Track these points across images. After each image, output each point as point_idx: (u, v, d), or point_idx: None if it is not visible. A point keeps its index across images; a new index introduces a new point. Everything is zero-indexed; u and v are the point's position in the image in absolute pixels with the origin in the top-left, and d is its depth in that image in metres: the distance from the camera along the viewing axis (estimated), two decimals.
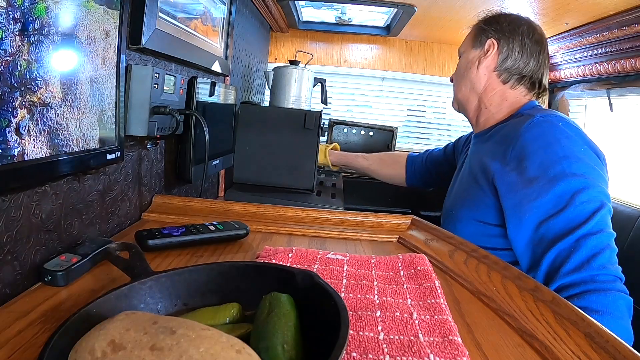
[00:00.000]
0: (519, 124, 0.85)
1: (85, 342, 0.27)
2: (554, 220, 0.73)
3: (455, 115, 2.22)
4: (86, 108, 0.54)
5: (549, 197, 0.74)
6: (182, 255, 0.61)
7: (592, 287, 0.67)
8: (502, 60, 0.95)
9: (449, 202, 1.04)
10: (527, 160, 0.79)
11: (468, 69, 1.00)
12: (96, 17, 0.54)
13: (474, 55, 0.99)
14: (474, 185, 0.91)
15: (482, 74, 0.97)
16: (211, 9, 1.06)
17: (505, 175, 0.82)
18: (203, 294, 0.42)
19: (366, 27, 1.97)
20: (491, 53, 0.95)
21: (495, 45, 0.95)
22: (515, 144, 0.82)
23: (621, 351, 0.42)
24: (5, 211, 0.45)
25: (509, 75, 0.95)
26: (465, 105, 1.03)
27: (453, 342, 0.41)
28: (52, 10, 0.45)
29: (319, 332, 0.36)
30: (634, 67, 1.26)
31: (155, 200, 0.83)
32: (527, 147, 0.80)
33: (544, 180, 0.76)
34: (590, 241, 0.70)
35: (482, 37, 0.98)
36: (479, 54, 0.98)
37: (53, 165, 0.49)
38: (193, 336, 0.27)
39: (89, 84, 0.54)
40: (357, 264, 0.60)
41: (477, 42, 0.99)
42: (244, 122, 1.31)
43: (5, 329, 0.39)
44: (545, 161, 0.77)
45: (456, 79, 1.05)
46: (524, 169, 0.79)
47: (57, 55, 0.47)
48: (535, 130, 0.81)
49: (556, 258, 0.71)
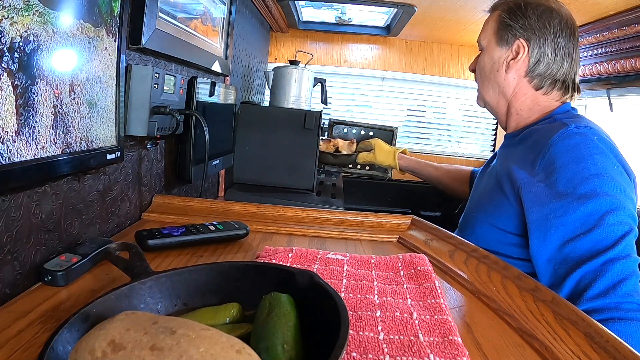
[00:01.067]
0: (552, 131, 0.80)
1: (85, 342, 0.27)
2: (581, 240, 0.70)
3: (455, 116, 2.22)
4: (87, 108, 0.54)
5: (577, 215, 0.71)
6: (182, 255, 0.61)
7: (616, 315, 0.65)
8: (533, 64, 0.87)
9: (472, 203, 0.99)
10: (556, 173, 0.75)
11: (495, 70, 0.91)
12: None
13: (501, 56, 0.90)
14: (497, 191, 0.86)
15: (511, 79, 0.90)
16: (211, 9, 1.06)
17: (532, 186, 0.77)
18: (203, 294, 0.42)
19: (366, 27, 1.97)
20: (522, 57, 0.87)
21: (525, 47, 0.86)
22: (546, 154, 0.78)
23: (621, 351, 0.42)
24: (5, 211, 0.45)
25: (541, 81, 0.88)
26: (494, 108, 0.97)
27: (453, 342, 0.41)
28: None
29: (319, 332, 0.36)
30: (634, 67, 1.26)
31: (155, 200, 0.83)
32: (557, 159, 0.76)
33: (573, 197, 0.72)
34: (617, 266, 0.67)
35: (508, 35, 0.88)
36: (506, 55, 0.89)
37: (53, 165, 0.49)
38: (193, 336, 0.27)
39: (90, 85, 0.54)
40: (357, 264, 0.60)
41: (502, 40, 0.89)
42: (244, 122, 1.31)
43: (5, 329, 0.39)
44: (576, 177, 0.73)
45: (481, 78, 0.96)
46: (553, 182, 0.75)
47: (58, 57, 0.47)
48: (568, 142, 0.76)
49: (580, 280, 0.68)
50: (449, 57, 2.10)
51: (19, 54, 0.41)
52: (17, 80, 0.41)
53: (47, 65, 0.46)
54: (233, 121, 1.18)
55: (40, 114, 0.45)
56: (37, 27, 0.43)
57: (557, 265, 0.72)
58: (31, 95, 0.44)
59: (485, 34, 0.94)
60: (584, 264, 0.68)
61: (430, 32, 1.92)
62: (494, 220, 0.85)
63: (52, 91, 0.47)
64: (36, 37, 0.43)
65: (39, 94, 0.45)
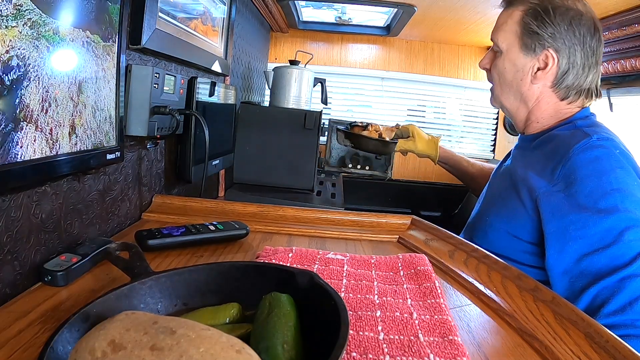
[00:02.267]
0: (573, 140, 0.77)
1: (85, 342, 0.28)
2: (599, 255, 0.69)
3: (455, 116, 2.22)
4: (87, 108, 0.54)
5: (596, 229, 0.69)
6: (182, 255, 0.61)
7: (632, 333, 0.65)
8: (561, 75, 0.82)
9: (485, 204, 0.95)
10: (577, 184, 0.73)
11: (518, 79, 0.86)
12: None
13: (525, 64, 0.84)
14: (514, 196, 0.83)
15: (536, 89, 0.85)
16: (211, 9, 1.06)
17: (551, 196, 0.75)
18: (203, 294, 0.42)
19: (366, 27, 1.97)
20: (550, 68, 0.82)
21: (554, 59, 0.81)
22: (566, 163, 0.75)
23: (621, 351, 0.42)
24: (5, 211, 0.45)
25: (567, 92, 0.84)
26: (512, 113, 0.93)
27: (453, 342, 0.41)
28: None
29: (319, 332, 0.36)
30: (634, 67, 1.26)
31: (155, 200, 0.83)
32: (578, 170, 0.74)
33: (594, 210, 0.70)
34: (635, 283, 0.66)
35: (535, 44, 0.82)
36: (532, 64, 0.83)
37: (53, 165, 0.49)
38: (193, 336, 0.27)
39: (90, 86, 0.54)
40: (357, 264, 0.60)
41: (528, 48, 0.83)
42: (244, 122, 1.31)
43: (5, 329, 0.39)
44: (597, 190, 0.71)
45: (500, 83, 0.90)
46: (572, 193, 0.73)
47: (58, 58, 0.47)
48: (590, 154, 0.74)
49: (597, 296, 0.68)
50: (449, 57, 2.10)
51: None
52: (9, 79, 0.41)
53: (47, 65, 0.46)
54: (233, 121, 1.18)
55: (40, 114, 0.45)
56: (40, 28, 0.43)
57: (574, 278, 0.71)
58: (30, 95, 0.44)
59: (504, 36, 0.86)
60: (601, 280, 0.67)
61: (430, 32, 1.92)
62: (508, 227, 0.83)
63: (52, 91, 0.47)
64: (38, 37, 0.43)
65: (38, 94, 0.45)
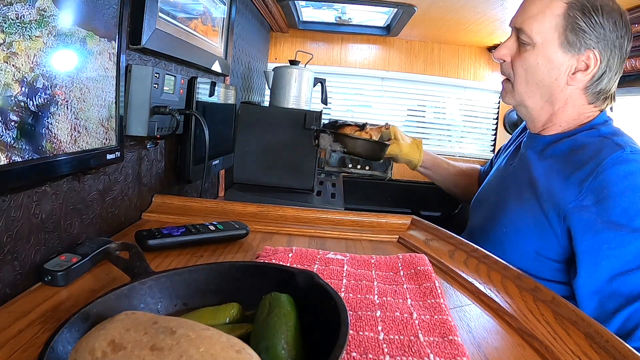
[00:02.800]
0: (603, 150, 0.73)
1: (85, 342, 0.28)
2: (631, 275, 0.66)
3: (455, 116, 2.21)
4: (88, 108, 0.54)
5: (630, 248, 0.67)
6: (182, 255, 0.61)
7: None
8: (597, 79, 0.77)
9: (498, 212, 0.87)
10: (610, 200, 0.69)
11: (552, 78, 0.78)
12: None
13: (563, 63, 0.77)
14: (536, 209, 0.78)
15: (569, 91, 0.79)
16: (211, 9, 1.06)
17: (581, 212, 0.71)
18: (203, 294, 0.42)
19: (366, 27, 1.97)
20: (592, 70, 0.76)
21: (597, 61, 0.75)
22: (597, 176, 0.71)
23: (621, 351, 0.42)
24: (5, 211, 0.45)
25: (597, 96, 0.79)
26: (533, 114, 0.85)
27: (453, 342, 0.41)
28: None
29: (319, 332, 0.36)
30: (634, 67, 1.26)
31: (155, 200, 0.83)
32: (612, 185, 0.70)
33: (629, 229, 0.67)
34: None
35: (579, 43, 0.75)
36: (570, 64, 0.76)
37: (53, 165, 0.49)
38: (193, 336, 0.27)
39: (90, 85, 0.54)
40: (357, 264, 0.60)
41: (571, 45, 0.75)
42: (244, 122, 1.31)
43: (5, 329, 0.39)
44: (632, 208, 0.68)
45: (527, 79, 0.81)
46: (605, 209, 0.69)
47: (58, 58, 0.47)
48: (625, 168, 0.70)
49: (630, 318, 0.66)
50: (449, 57, 2.10)
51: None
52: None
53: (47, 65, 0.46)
54: (233, 121, 1.18)
55: (39, 114, 0.45)
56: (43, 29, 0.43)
57: (604, 298, 0.68)
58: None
59: (541, 27, 0.76)
60: (634, 301, 0.66)
61: (430, 32, 1.92)
62: (535, 246, 0.78)
63: (52, 91, 0.47)
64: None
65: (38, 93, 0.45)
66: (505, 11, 1.41)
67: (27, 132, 0.43)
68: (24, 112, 0.43)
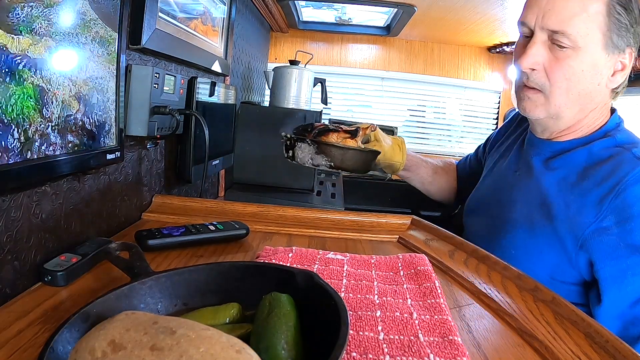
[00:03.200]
0: (623, 164, 0.67)
1: (85, 342, 0.28)
2: None
3: (455, 116, 2.22)
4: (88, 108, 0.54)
5: None
6: (182, 255, 0.61)
7: None
8: (626, 76, 0.72)
9: (502, 225, 0.80)
10: (633, 221, 0.64)
11: (595, 83, 0.70)
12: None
13: (605, 65, 0.69)
14: (548, 231, 0.72)
15: (604, 92, 0.72)
16: (211, 9, 1.06)
17: (602, 235, 0.66)
18: (203, 294, 0.42)
19: (366, 27, 1.97)
20: (627, 70, 0.71)
21: (631, 58, 0.70)
22: (619, 195, 0.65)
23: (621, 351, 0.42)
24: (5, 211, 0.45)
25: (616, 95, 0.75)
26: (559, 123, 0.76)
27: (453, 342, 0.41)
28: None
29: (319, 332, 0.36)
30: (634, 67, 1.26)
31: (155, 200, 0.83)
32: (635, 205, 0.64)
33: None
34: None
35: (621, 40, 0.68)
36: (611, 64, 0.69)
37: (53, 165, 0.49)
38: (193, 336, 0.27)
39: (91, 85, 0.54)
40: (357, 264, 0.60)
41: (614, 46, 0.68)
42: (244, 122, 1.31)
43: (5, 329, 0.39)
44: None
45: (568, 88, 0.70)
46: (629, 231, 0.64)
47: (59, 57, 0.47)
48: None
49: None
50: (449, 57, 2.10)
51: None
52: None
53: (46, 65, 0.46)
54: (233, 121, 1.18)
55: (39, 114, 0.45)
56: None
57: (628, 323, 0.65)
58: None
59: (584, 28, 0.66)
60: None
61: (430, 32, 1.92)
62: (546, 270, 0.73)
63: (53, 91, 0.47)
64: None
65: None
66: (505, 11, 1.41)
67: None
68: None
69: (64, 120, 0.48)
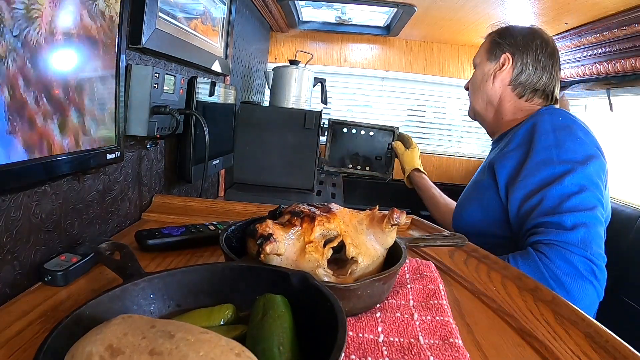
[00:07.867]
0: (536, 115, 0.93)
1: (82, 346, 0.27)
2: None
3: (455, 116, 2.21)
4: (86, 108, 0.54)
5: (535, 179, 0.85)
6: (182, 255, 0.61)
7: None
8: (516, 74, 1.00)
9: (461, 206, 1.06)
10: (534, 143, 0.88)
11: (484, 82, 1.05)
12: None
13: (490, 69, 1.03)
14: (485, 186, 0.95)
15: (497, 88, 1.03)
16: (211, 9, 1.05)
17: (503, 159, 0.91)
18: (196, 295, 0.41)
19: (366, 27, 1.97)
20: (506, 67, 1.00)
21: (509, 59, 0.99)
22: (516, 132, 0.92)
23: (621, 351, 0.42)
24: (5, 211, 0.45)
25: (523, 89, 1.00)
26: (483, 116, 1.09)
27: (454, 344, 0.41)
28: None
29: (316, 334, 0.35)
30: (634, 67, 1.26)
31: (155, 200, 0.83)
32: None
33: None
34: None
35: (496, 51, 1.02)
36: (494, 68, 1.02)
37: (53, 165, 0.49)
38: (192, 340, 0.26)
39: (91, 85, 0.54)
40: None
41: (492, 55, 1.03)
42: (244, 122, 1.31)
43: (5, 329, 0.39)
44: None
45: (472, 90, 1.10)
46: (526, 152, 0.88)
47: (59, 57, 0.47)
48: (539, 119, 0.90)
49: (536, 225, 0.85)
50: (449, 57, 2.10)
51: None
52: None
53: (46, 64, 0.46)
54: (233, 121, 1.17)
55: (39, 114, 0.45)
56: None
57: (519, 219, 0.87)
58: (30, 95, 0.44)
59: (478, 54, 1.08)
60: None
61: (430, 32, 1.92)
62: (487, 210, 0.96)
63: (52, 91, 0.47)
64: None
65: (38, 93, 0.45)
66: (505, 11, 1.40)
67: None
68: None
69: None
